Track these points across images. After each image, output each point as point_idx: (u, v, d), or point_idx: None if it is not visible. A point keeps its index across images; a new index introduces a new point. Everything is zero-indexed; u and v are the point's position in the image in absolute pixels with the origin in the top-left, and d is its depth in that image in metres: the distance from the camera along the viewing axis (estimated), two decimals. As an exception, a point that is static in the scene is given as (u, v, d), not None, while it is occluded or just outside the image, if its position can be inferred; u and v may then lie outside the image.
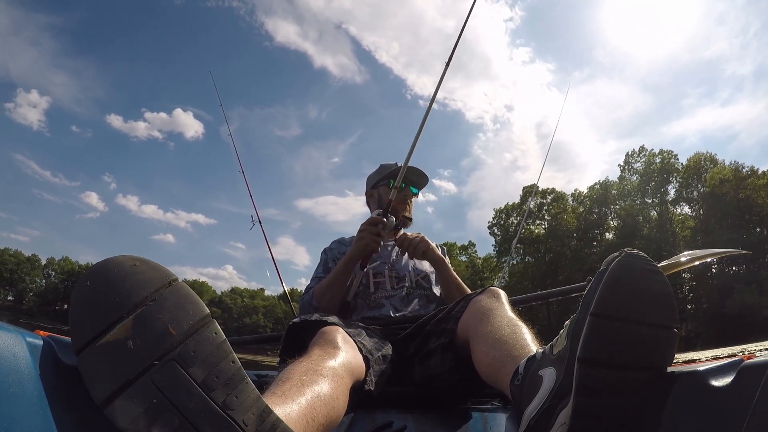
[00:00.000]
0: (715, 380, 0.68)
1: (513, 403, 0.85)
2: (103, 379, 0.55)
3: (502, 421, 1.06)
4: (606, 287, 0.70)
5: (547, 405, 0.74)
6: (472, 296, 1.23)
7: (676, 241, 33.07)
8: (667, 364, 0.72)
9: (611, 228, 37.39)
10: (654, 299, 0.71)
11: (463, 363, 1.11)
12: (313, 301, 1.63)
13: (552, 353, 0.80)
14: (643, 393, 0.71)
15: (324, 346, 0.97)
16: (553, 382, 0.76)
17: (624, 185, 37.08)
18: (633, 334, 0.69)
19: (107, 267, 0.61)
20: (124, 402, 0.54)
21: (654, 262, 0.73)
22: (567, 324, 0.81)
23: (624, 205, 36.57)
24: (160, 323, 0.59)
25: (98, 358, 0.56)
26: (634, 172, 37.04)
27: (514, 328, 1.02)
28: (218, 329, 0.62)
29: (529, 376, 0.82)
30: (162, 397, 0.55)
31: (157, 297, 0.61)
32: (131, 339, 0.57)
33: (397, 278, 1.70)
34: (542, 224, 40.06)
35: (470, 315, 1.15)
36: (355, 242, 1.58)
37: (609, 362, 0.69)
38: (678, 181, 35.35)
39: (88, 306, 0.58)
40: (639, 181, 36.32)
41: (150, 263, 0.64)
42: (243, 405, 0.59)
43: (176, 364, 0.57)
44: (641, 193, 36.26)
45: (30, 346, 0.59)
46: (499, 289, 1.22)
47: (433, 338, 1.23)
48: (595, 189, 38.81)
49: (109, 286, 0.59)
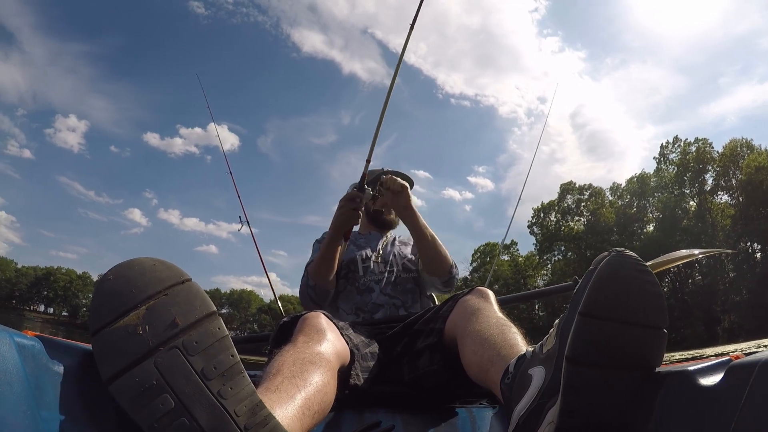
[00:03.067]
0: (703, 380, 0.68)
1: (503, 402, 0.85)
2: (112, 358, 0.61)
3: (491, 420, 1.06)
4: (594, 287, 0.71)
5: (536, 403, 0.75)
6: (459, 296, 1.23)
7: (715, 231, 32.22)
8: (656, 364, 0.72)
9: (650, 220, 36.69)
10: (643, 299, 0.71)
11: (452, 362, 1.12)
12: (309, 281, 1.67)
13: (542, 352, 0.81)
14: (631, 392, 0.71)
15: (308, 331, 1.00)
16: (542, 380, 0.76)
17: (661, 177, 36.29)
18: (621, 334, 0.69)
19: (130, 265, 0.69)
20: (127, 380, 0.60)
21: (644, 262, 0.73)
22: (556, 323, 0.81)
23: (662, 197, 35.80)
24: (168, 315, 0.65)
25: (111, 339, 0.62)
26: (670, 163, 36.19)
27: (503, 327, 1.02)
28: (222, 325, 0.68)
29: (518, 375, 0.82)
30: (162, 380, 0.60)
31: (170, 292, 0.67)
32: (141, 326, 0.63)
33: (384, 262, 1.76)
34: (581, 220, 39.67)
35: (458, 314, 1.15)
36: (335, 217, 1.61)
37: (596, 361, 0.69)
38: (715, 169, 34.19)
39: (108, 295, 0.65)
40: (676, 172, 35.46)
41: (168, 264, 0.71)
42: (237, 396, 0.63)
43: (179, 351, 0.63)
44: (678, 184, 35.37)
45: (18, 345, 0.59)
46: (487, 289, 1.22)
47: (422, 338, 1.24)
48: (633, 182, 38.12)
49: (128, 280, 0.66)
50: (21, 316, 57.39)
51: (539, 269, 42.01)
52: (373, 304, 1.64)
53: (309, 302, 1.67)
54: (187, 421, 0.59)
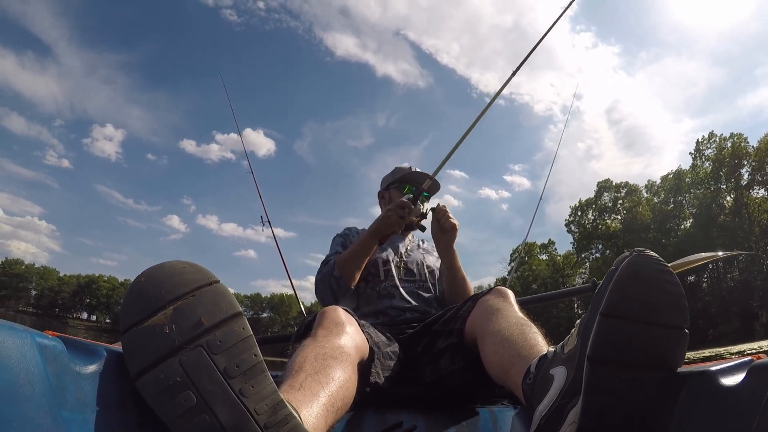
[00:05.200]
0: (725, 380, 0.68)
1: (524, 403, 0.85)
2: (140, 355, 0.64)
3: (512, 420, 1.06)
4: (616, 287, 0.70)
5: (558, 404, 0.75)
6: (479, 296, 1.23)
7: (751, 227, 31.42)
8: (678, 365, 0.71)
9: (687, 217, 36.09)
10: (664, 299, 0.70)
11: (473, 363, 1.11)
12: (334, 271, 1.62)
13: (563, 352, 0.81)
14: (653, 393, 0.70)
15: (327, 325, 1.01)
16: (563, 380, 0.76)
17: (697, 173, 35.56)
18: (643, 334, 0.69)
19: (161, 267, 0.72)
20: (152, 376, 0.63)
21: (665, 262, 0.72)
22: (578, 323, 0.81)
23: (697, 193, 35.14)
24: (195, 315, 0.67)
25: (139, 338, 0.65)
26: (705, 159, 35.44)
27: (523, 327, 1.01)
28: (246, 325, 0.70)
29: (540, 376, 0.82)
30: (186, 377, 0.63)
31: (197, 293, 0.70)
32: (168, 325, 0.65)
33: (406, 270, 1.74)
34: (618, 218, 39.26)
35: (478, 314, 1.15)
36: (381, 218, 1.59)
37: (618, 361, 0.69)
38: (751, 164, 33.18)
39: (139, 296, 0.68)
40: (711, 168, 34.65)
41: (197, 267, 0.74)
42: (258, 395, 0.65)
43: (203, 350, 0.65)
44: (714, 180, 34.55)
45: (39, 346, 0.59)
46: (507, 288, 1.21)
47: (442, 338, 1.24)
48: (669, 179, 37.61)
49: (158, 282, 0.69)
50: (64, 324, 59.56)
51: (577, 268, 41.72)
52: (393, 309, 1.62)
53: (328, 293, 1.63)
54: (208, 417, 0.61)
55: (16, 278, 65.55)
